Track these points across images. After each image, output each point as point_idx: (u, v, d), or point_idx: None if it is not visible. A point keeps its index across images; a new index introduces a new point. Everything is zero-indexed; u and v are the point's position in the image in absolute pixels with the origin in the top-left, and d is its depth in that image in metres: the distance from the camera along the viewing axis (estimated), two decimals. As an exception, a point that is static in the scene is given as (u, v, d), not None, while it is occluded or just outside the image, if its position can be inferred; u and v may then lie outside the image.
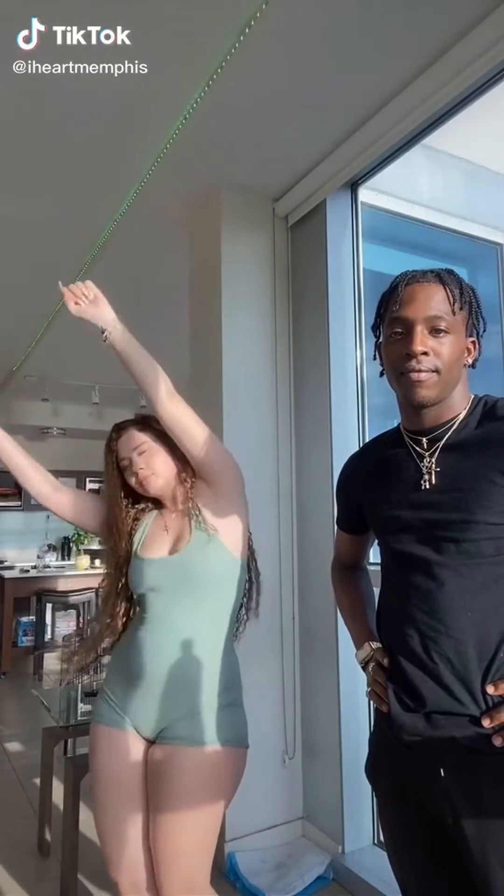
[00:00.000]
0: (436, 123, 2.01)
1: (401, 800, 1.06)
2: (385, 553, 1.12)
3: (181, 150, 2.18)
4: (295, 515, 2.50)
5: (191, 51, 1.77)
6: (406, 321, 1.02)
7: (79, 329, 1.48)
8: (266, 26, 1.64)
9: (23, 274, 3.30)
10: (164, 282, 3.31)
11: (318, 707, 2.35)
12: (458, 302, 1.02)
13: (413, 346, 1.00)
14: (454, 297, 1.02)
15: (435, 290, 1.02)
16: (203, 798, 1.29)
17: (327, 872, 2.16)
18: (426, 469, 1.04)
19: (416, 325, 1.01)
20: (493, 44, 1.66)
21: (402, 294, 1.04)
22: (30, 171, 2.38)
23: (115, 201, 2.54)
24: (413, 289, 1.03)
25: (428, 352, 1.00)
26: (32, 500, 1.46)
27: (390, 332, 1.05)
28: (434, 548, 1.00)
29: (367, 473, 1.17)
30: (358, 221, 2.47)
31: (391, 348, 1.05)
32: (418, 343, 1.00)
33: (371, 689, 1.08)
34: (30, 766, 3.08)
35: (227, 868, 2.17)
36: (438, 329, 1.01)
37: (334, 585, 1.35)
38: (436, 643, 0.98)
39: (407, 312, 1.02)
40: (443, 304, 1.02)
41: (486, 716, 0.94)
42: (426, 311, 1.01)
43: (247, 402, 2.45)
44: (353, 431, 2.37)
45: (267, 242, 2.58)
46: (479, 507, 0.97)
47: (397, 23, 1.68)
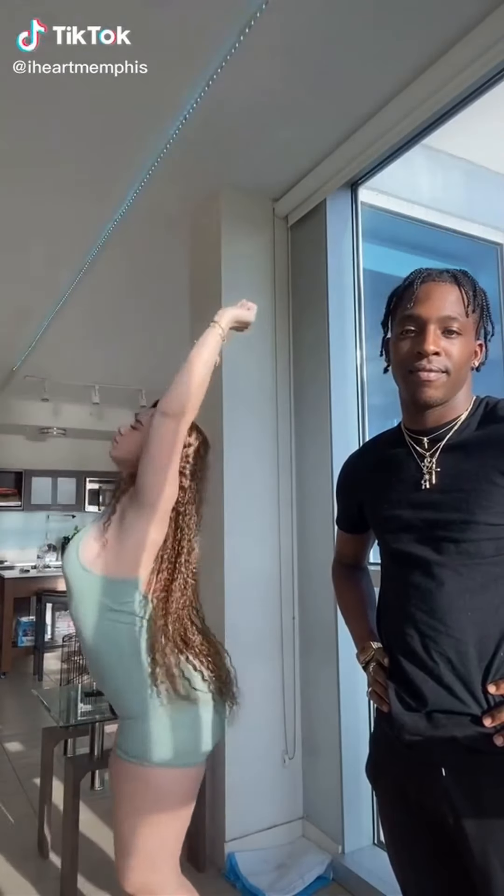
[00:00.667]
0: (436, 123, 2.01)
1: (401, 800, 1.06)
2: (385, 553, 1.12)
3: (181, 150, 2.18)
4: (295, 515, 2.50)
5: (191, 51, 1.77)
6: (420, 319, 1.02)
7: (79, 329, 1.48)
8: (266, 26, 1.64)
9: (23, 274, 3.31)
10: (164, 282, 3.31)
11: (318, 707, 2.35)
12: (472, 304, 1.02)
13: (426, 346, 1.00)
14: (468, 299, 1.02)
15: (450, 290, 1.02)
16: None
17: (327, 872, 2.16)
18: (427, 469, 1.04)
19: (429, 324, 1.01)
20: (493, 44, 1.66)
21: (418, 291, 1.03)
22: (30, 171, 2.38)
23: (115, 201, 2.54)
24: (429, 287, 1.03)
25: (440, 352, 1.00)
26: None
27: (402, 329, 1.04)
28: (434, 548, 1.00)
29: (368, 472, 1.17)
30: (358, 221, 2.47)
31: (401, 345, 1.04)
32: (431, 343, 1.00)
33: (371, 689, 1.08)
34: (30, 766, 3.09)
35: (227, 868, 2.17)
36: (451, 330, 1.01)
37: (335, 585, 1.35)
38: (436, 643, 0.98)
39: (421, 311, 1.02)
40: (457, 305, 1.01)
41: (487, 715, 0.94)
42: (440, 311, 1.01)
43: (247, 401, 2.45)
44: (353, 431, 2.37)
45: (267, 242, 2.58)
46: (480, 508, 0.97)
47: (397, 23, 1.68)
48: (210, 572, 2.41)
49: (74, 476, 6.82)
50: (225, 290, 2.46)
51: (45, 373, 5.11)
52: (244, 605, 2.34)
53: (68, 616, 5.90)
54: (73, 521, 6.65)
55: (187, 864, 2.24)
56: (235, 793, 2.26)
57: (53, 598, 5.51)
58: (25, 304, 3.69)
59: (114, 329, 4.15)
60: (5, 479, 6.51)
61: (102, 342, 4.46)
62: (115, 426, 1.51)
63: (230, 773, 2.25)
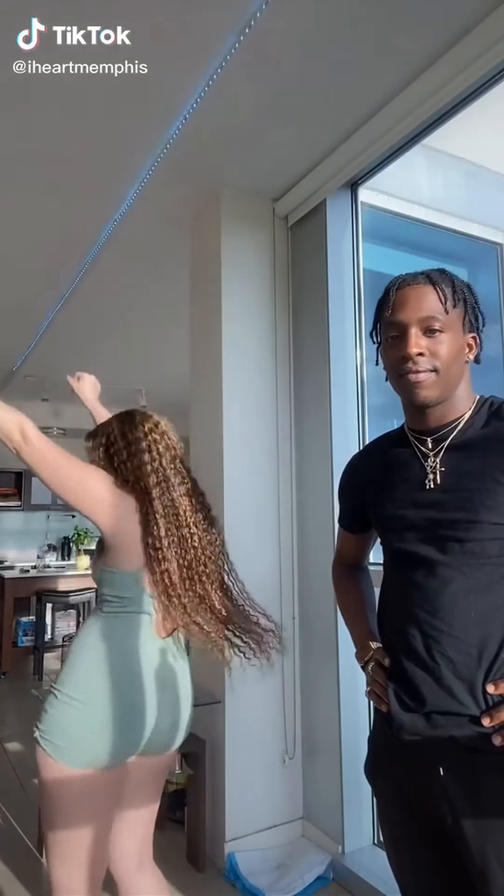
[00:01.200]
0: (436, 123, 2.01)
1: (400, 800, 1.06)
2: (388, 552, 1.12)
3: (181, 150, 2.18)
4: (295, 515, 2.50)
5: (191, 51, 1.77)
6: (400, 325, 1.04)
7: (79, 329, 1.48)
8: (266, 26, 1.64)
9: (23, 274, 3.31)
10: (164, 282, 3.31)
11: (318, 707, 2.35)
12: (451, 300, 1.03)
13: (408, 349, 1.01)
14: (445, 296, 1.03)
15: (425, 291, 1.03)
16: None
17: (327, 872, 2.16)
18: (431, 469, 1.05)
19: (409, 327, 1.02)
20: (493, 44, 1.66)
21: (394, 298, 1.05)
22: (30, 171, 2.38)
23: (115, 201, 2.54)
24: (404, 292, 1.05)
25: (423, 352, 1.01)
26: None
27: (387, 337, 1.07)
28: (438, 547, 1.01)
29: (372, 472, 1.17)
30: (358, 221, 2.47)
31: (389, 352, 1.07)
32: (412, 345, 1.01)
33: (370, 688, 1.08)
34: (30, 767, 3.08)
35: (227, 868, 2.17)
36: (433, 329, 1.02)
37: (335, 585, 1.35)
38: (438, 643, 0.98)
39: (400, 316, 1.04)
40: (435, 304, 1.02)
41: (485, 715, 0.94)
42: (418, 313, 1.02)
43: (247, 402, 2.45)
44: (353, 432, 2.37)
45: (267, 242, 2.58)
46: (484, 507, 0.97)
47: (397, 22, 1.68)
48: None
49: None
50: (225, 290, 2.46)
51: (45, 373, 5.11)
52: (244, 605, 2.34)
53: (68, 616, 5.92)
54: (72, 521, 6.64)
55: (187, 864, 2.24)
56: (235, 793, 2.26)
57: (53, 598, 5.50)
58: (25, 304, 3.69)
59: (114, 329, 4.16)
60: (5, 479, 6.51)
61: (102, 342, 4.46)
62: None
63: (230, 773, 2.25)
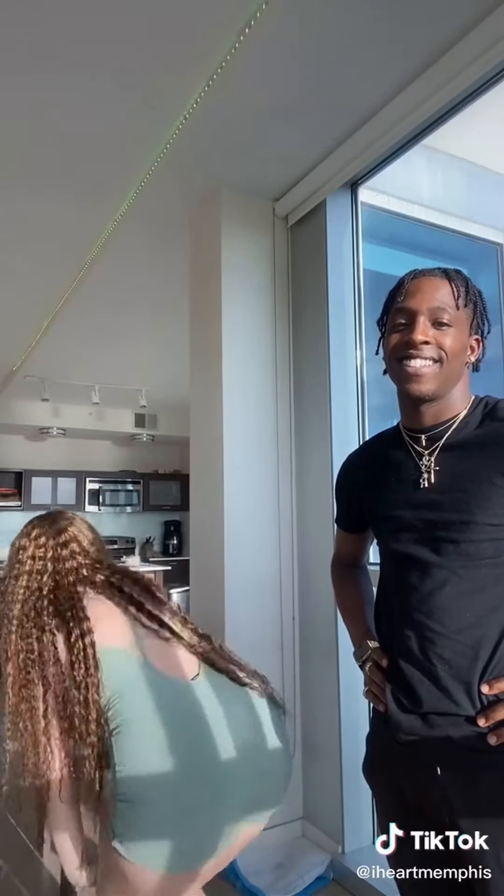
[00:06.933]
0: (436, 123, 2.01)
1: (398, 799, 1.06)
2: (383, 553, 1.12)
3: (181, 150, 2.18)
4: (295, 515, 2.50)
5: (191, 51, 1.77)
6: (410, 311, 1.03)
7: (79, 329, 1.48)
8: (266, 26, 1.64)
9: (23, 274, 3.31)
10: (164, 281, 3.32)
11: (318, 707, 2.35)
12: (463, 298, 1.03)
13: (415, 335, 1.01)
14: (458, 293, 1.03)
15: (440, 283, 1.03)
16: None
17: (327, 872, 2.16)
18: (425, 468, 1.04)
19: (419, 315, 1.02)
20: (493, 44, 1.65)
21: (408, 286, 1.05)
22: (30, 171, 2.38)
23: (115, 201, 2.54)
24: (419, 281, 1.05)
25: (430, 341, 1.01)
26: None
27: (394, 324, 1.06)
28: (433, 548, 1.00)
29: (366, 472, 1.17)
30: (358, 221, 2.47)
31: (393, 337, 1.05)
32: (420, 332, 1.01)
33: (368, 688, 1.08)
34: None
35: (226, 868, 2.17)
36: (442, 322, 1.02)
37: (334, 584, 1.35)
38: (434, 644, 0.98)
39: (411, 303, 1.03)
40: (447, 297, 1.02)
41: (481, 715, 0.94)
42: (430, 303, 1.02)
43: (247, 401, 2.45)
44: (353, 432, 2.37)
45: (267, 242, 2.58)
46: (479, 508, 0.97)
47: (397, 22, 1.68)
48: (211, 572, 2.41)
49: (74, 476, 6.82)
50: (225, 290, 2.46)
51: (45, 373, 5.11)
52: (244, 604, 2.34)
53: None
54: (72, 521, 6.65)
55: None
56: (235, 793, 2.25)
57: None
58: (25, 304, 3.69)
59: (114, 329, 4.15)
60: (5, 479, 6.52)
61: (102, 342, 4.46)
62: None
63: (230, 773, 2.25)
